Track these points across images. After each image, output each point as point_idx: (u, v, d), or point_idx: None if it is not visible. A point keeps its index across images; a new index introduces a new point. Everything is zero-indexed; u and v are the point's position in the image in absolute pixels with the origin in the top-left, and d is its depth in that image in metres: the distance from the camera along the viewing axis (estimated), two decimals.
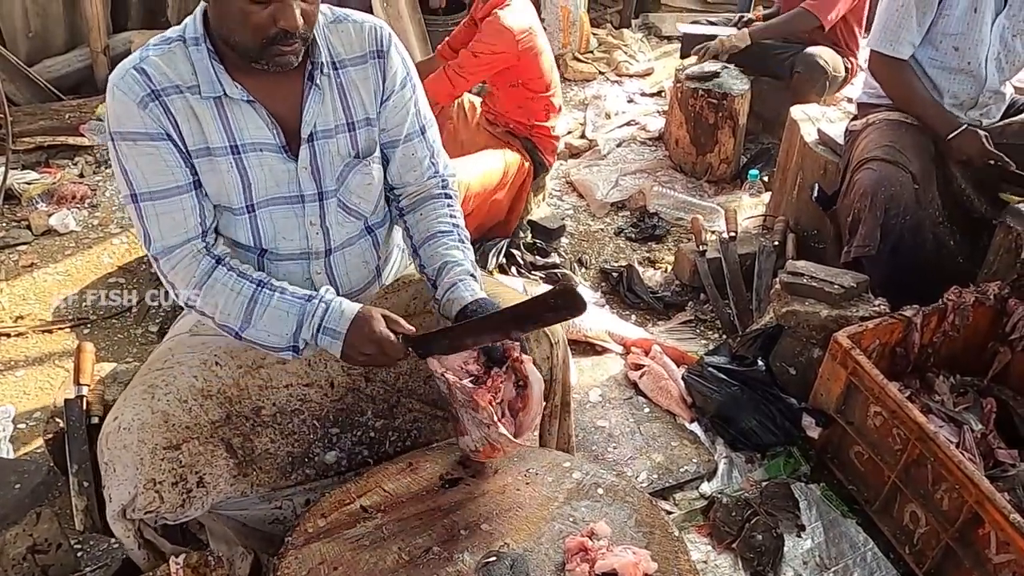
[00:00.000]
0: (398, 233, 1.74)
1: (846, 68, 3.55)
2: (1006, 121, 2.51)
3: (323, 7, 1.49)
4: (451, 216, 1.62)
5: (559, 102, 3.04)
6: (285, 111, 1.47)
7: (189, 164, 1.43)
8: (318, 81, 1.47)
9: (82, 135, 3.44)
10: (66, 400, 1.85)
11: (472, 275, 1.54)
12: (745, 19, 3.84)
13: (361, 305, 1.46)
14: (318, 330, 1.42)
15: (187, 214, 1.43)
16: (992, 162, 2.30)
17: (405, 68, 1.57)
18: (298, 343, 1.44)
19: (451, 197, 1.65)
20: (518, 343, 1.42)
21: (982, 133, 2.31)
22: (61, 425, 1.85)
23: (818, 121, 2.93)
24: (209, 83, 1.40)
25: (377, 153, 1.59)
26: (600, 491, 1.48)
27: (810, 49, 3.47)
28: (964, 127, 2.33)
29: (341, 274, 1.62)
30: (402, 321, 1.44)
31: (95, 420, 1.82)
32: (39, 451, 2.11)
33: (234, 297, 1.43)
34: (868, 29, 3.91)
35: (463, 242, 1.60)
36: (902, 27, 2.37)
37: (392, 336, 1.41)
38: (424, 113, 1.63)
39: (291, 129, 1.48)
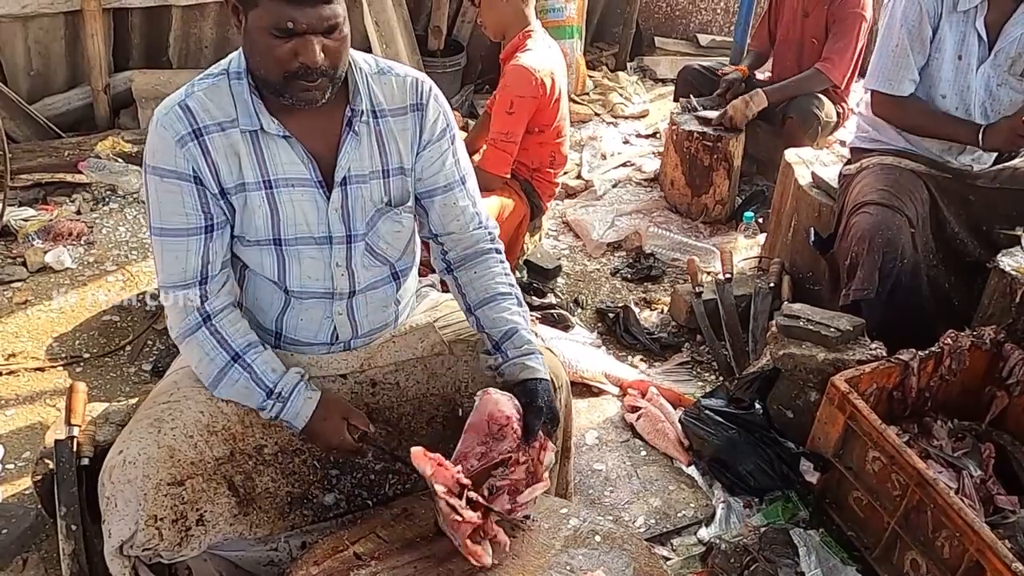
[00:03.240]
0: (414, 279, 1.75)
1: (838, 113, 3.60)
2: (999, 167, 2.55)
3: (368, 58, 1.54)
4: (505, 274, 1.64)
5: (566, 151, 3.03)
6: (322, 149, 1.49)
7: (212, 207, 1.46)
8: (356, 127, 1.49)
9: (80, 172, 3.45)
10: (56, 441, 1.82)
11: (538, 351, 1.58)
12: (736, 82, 3.76)
13: (320, 398, 1.52)
14: (276, 418, 1.52)
15: (191, 257, 1.47)
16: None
17: (445, 120, 1.59)
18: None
19: (500, 252, 1.66)
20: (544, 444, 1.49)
21: (1003, 122, 2.33)
22: (51, 466, 1.82)
23: (812, 164, 2.96)
24: (248, 116, 1.44)
25: (411, 203, 1.60)
26: (597, 538, 1.46)
27: (802, 97, 3.52)
28: (985, 126, 2.35)
29: (361, 316, 1.64)
30: (362, 419, 1.53)
31: (85, 461, 1.79)
32: (27, 492, 2.08)
33: (208, 362, 1.50)
34: (862, 75, 4.00)
35: (522, 305, 1.63)
36: (900, 66, 2.40)
37: (347, 439, 1.50)
38: (463, 164, 1.64)
39: (327, 168, 1.50)
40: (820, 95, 3.55)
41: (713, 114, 3.62)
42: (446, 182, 1.60)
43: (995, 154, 2.57)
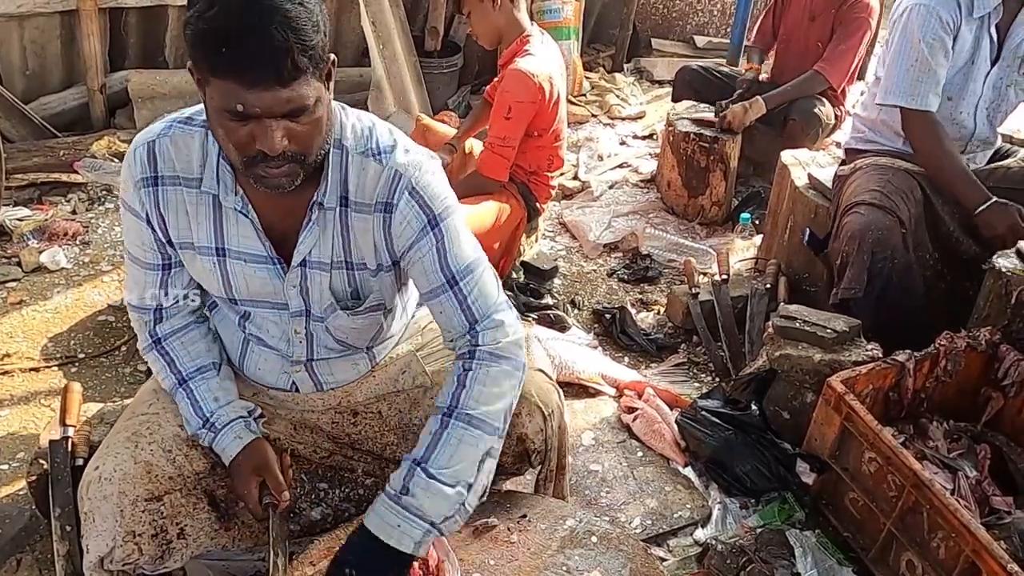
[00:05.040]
0: (398, 321, 1.63)
1: (835, 116, 3.61)
2: (992, 166, 2.55)
3: (362, 127, 1.35)
4: (456, 384, 1.37)
5: (563, 154, 3.02)
6: (286, 226, 1.37)
7: (168, 251, 1.45)
8: (314, 217, 1.35)
9: (76, 172, 3.44)
10: (51, 441, 1.81)
11: (402, 489, 1.30)
12: (754, 82, 3.74)
13: (250, 443, 1.45)
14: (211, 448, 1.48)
15: (147, 288, 1.49)
16: None
17: (423, 216, 1.36)
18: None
19: (475, 356, 1.38)
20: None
21: (1013, 207, 2.25)
22: (45, 467, 1.81)
23: (808, 166, 2.96)
24: (211, 181, 1.34)
25: (382, 301, 1.47)
26: (594, 539, 1.46)
27: (804, 99, 3.52)
28: (993, 201, 2.27)
29: (325, 374, 1.57)
30: (279, 488, 1.43)
31: (80, 462, 1.78)
32: (22, 492, 2.07)
33: (163, 379, 1.52)
34: (860, 78, 4.01)
35: (445, 425, 1.34)
36: (922, 80, 2.34)
37: (252, 497, 1.42)
38: (456, 260, 1.39)
39: (288, 244, 1.39)
40: (821, 97, 3.55)
41: (711, 115, 3.62)
42: (430, 287, 1.41)
43: (990, 154, 2.58)
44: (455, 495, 1.29)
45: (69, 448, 1.80)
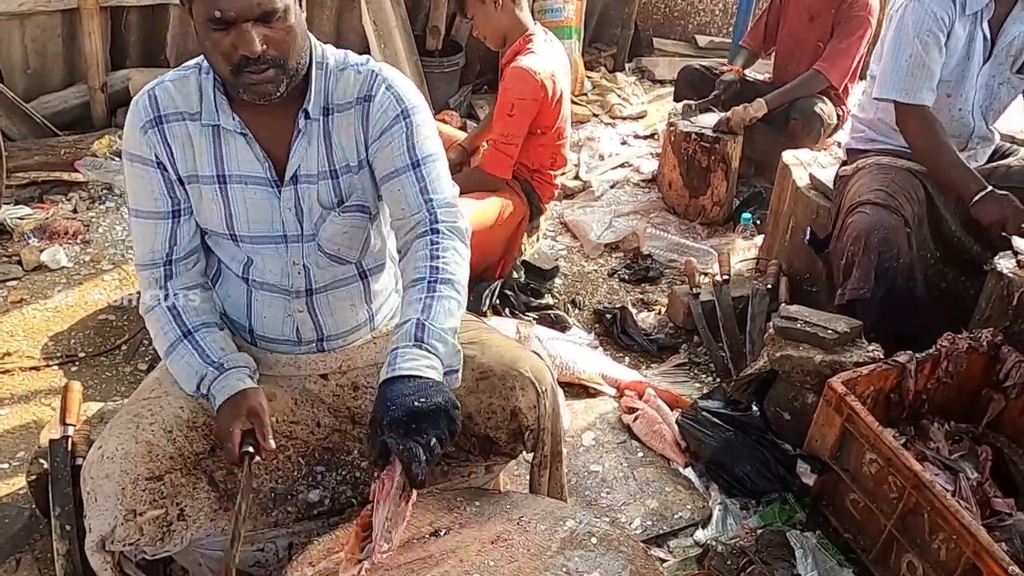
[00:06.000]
0: (389, 277, 1.71)
1: (838, 116, 3.60)
2: (992, 164, 2.55)
3: (338, 54, 1.52)
4: (429, 256, 1.43)
5: (567, 153, 3.02)
6: (276, 148, 1.49)
7: (177, 191, 1.51)
8: (301, 126, 1.48)
9: (77, 171, 3.44)
10: (51, 440, 1.82)
11: (417, 338, 1.34)
12: (732, 85, 3.75)
13: (247, 388, 1.46)
14: (206, 393, 1.49)
15: (158, 239, 1.53)
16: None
17: (399, 105, 1.50)
18: (199, 394, 1.50)
19: (438, 231, 1.46)
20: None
21: (1009, 196, 2.24)
22: (45, 466, 1.82)
23: (809, 166, 2.96)
24: (209, 112, 1.46)
25: (367, 202, 1.56)
26: (594, 540, 1.45)
27: (805, 99, 3.52)
28: (989, 190, 2.26)
29: (325, 315, 1.62)
30: (263, 436, 1.44)
31: (80, 461, 1.79)
32: (22, 492, 2.07)
33: (162, 336, 1.54)
34: (862, 77, 4.00)
35: (433, 289, 1.39)
36: (916, 76, 2.34)
37: (233, 439, 1.41)
38: (421, 147, 1.51)
39: (281, 167, 1.50)
40: (822, 96, 3.55)
41: (711, 120, 3.61)
42: (393, 168, 1.50)
43: (990, 151, 2.57)
44: (454, 348, 1.38)
45: (69, 447, 1.80)
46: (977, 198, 2.27)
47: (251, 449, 1.43)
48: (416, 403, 1.27)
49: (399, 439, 1.25)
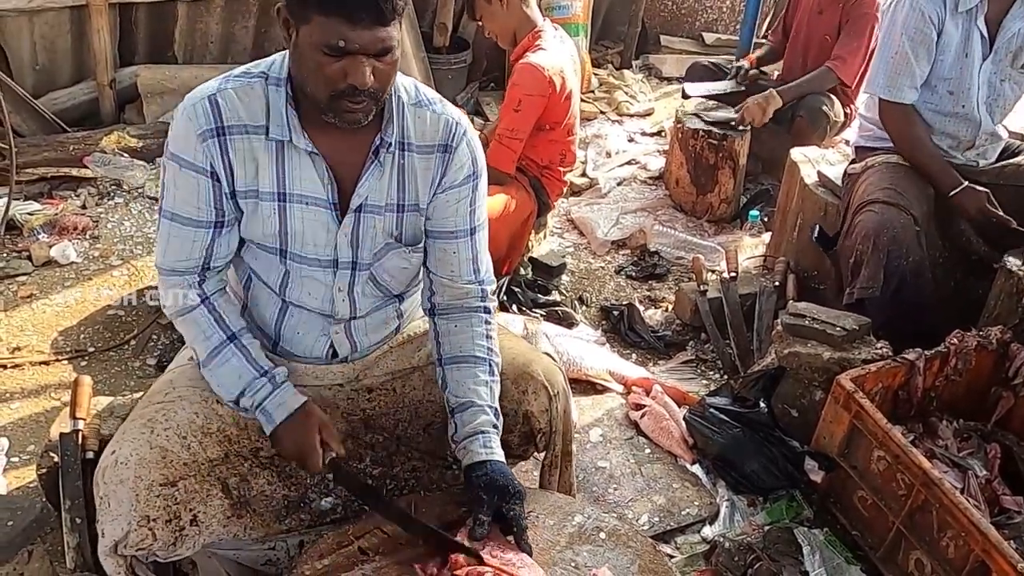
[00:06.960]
0: (419, 294, 1.70)
1: (845, 114, 3.59)
2: (1001, 163, 2.54)
3: (408, 85, 1.50)
4: (487, 337, 1.57)
5: (576, 150, 3.02)
6: (344, 173, 1.46)
7: (225, 204, 1.45)
8: (381, 158, 1.46)
9: (86, 167, 3.45)
10: (61, 434, 1.82)
11: (495, 425, 1.51)
12: (743, 70, 3.82)
13: (306, 400, 1.48)
14: (257, 406, 1.47)
15: (196, 248, 1.47)
16: (993, 220, 2.30)
17: (473, 167, 1.53)
18: (240, 404, 1.48)
19: (489, 312, 1.59)
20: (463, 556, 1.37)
21: (983, 191, 2.31)
22: (55, 460, 1.82)
23: (818, 163, 2.95)
24: (279, 126, 1.41)
25: (422, 242, 1.57)
26: (602, 535, 1.46)
27: (812, 95, 3.51)
28: (965, 185, 2.32)
29: (361, 336, 1.63)
30: (335, 441, 1.47)
31: (90, 455, 1.79)
32: (32, 485, 2.08)
33: (203, 339, 1.49)
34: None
35: (493, 374, 1.55)
36: (900, 73, 2.39)
37: (317, 450, 1.43)
38: (479, 214, 1.58)
39: (345, 191, 1.47)
40: (830, 94, 3.54)
41: (726, 115, 3.60)
42: (453, 228, 1.55)
43: (999, 149, 2.57)
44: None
45: (79, 441, 1.81)
46: (954, 193, 2.34)
47: (333, 454, 1.46)
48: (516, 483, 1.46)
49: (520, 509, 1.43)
